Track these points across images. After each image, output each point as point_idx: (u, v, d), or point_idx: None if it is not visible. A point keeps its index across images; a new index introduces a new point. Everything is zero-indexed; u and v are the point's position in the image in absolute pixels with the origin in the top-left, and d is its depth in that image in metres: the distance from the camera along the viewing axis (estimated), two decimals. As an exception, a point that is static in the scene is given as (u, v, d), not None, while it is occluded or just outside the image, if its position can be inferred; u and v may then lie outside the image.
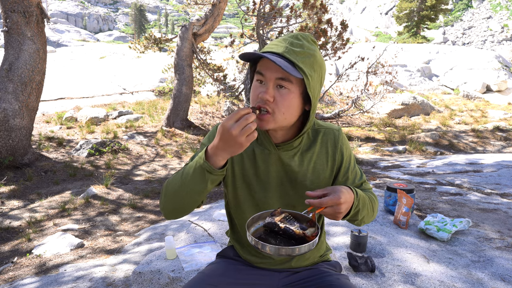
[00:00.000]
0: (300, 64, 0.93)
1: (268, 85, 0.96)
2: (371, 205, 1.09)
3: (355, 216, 1.01)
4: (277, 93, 0.96)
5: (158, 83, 14.18)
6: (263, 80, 0.97)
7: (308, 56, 0.95)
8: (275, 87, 0.97)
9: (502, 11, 51.52)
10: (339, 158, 1.13)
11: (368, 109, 10.71)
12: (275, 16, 8.24)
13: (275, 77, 0.95)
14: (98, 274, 2.41)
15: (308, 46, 0.97)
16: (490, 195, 3.61)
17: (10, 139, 5.67)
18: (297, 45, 0.95)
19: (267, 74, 0.96)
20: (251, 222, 0.99)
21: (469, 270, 1.91)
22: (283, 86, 0.96)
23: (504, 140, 8.80)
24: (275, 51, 0.95)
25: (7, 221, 4.00)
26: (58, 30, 52.26)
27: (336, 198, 0.90)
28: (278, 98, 0.96)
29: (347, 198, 0.93)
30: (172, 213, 1.04)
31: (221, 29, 65.30)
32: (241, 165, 1.12)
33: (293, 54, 0.94)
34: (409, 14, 35.69)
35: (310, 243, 0.88)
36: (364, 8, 65.12)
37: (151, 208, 4.38)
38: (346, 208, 0.93)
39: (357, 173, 1.17)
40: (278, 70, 0.94)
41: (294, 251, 0.86)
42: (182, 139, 8.31)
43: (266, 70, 0.96)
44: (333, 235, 2.38)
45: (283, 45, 0.95)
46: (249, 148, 1.11)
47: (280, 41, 0.98)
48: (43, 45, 5.99)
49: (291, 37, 0.97)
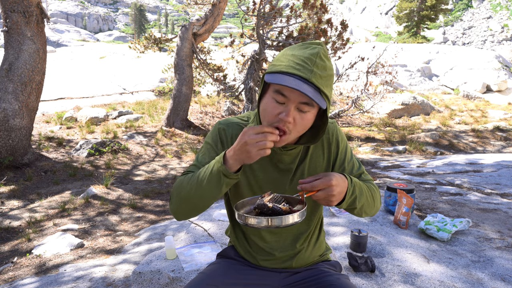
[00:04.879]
0: (325, 90, 0.92)
1: (290, 107, 0.94)
2: (370, 194, 1.08)
3: (353, 204, 1.01)
4: (297, 115, 0.95)
5: (158, 83, 14.18)
6: (284, 102, 0.94)
7: (329, 78, 0.95)
8: (295, 108, 0.95)
9: (502, 11, 51.52)
10: (334, 149, 1.15)
11: (368, 109, 10.71)
12: (275, 16, 8.23)
13: (298, 101, 0.93)
14: (98, 274, 2.40)
15: (329, 66, 0.95)
16: (490, 195, 3.61)
17: (10, 139, 5.67)
18: (322, 67, 0.92)
19: (291, 98, 0.93)
20: (240, 205, 1.01)
21: (469, 270, 1.91)
22: (305, 110, 0.95)
23: (504, 140, 8.80)
24: (301, 75, 0.90)
25: (7, 221, 4.00)
26: (58, 30, 52.26)
27: (327, 180, 0.91)
28: (298, 120, 0.96)
29: (339, 182, 0.93)
30: (185, 216, 1.06)
31: (221, 29, 65.30)
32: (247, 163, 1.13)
33: (319, 79, 0.91)
34: (409, 14, 35.67)
35: (299, 213, 0.90)
36: (364, 8, 65.11)
37: (151, 208, 4.38)
38: (339, 192, 0.93)
39: (354, 164, 1.18)
40: (304, 96, 0.92)
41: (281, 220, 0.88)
42: (182, 139, 8.31)
43: (290, 93, 0.92)
44: (333, 235, 2.38)
45: (309, 68, 0.90)
46: None
47: (304, 61, 0.91)
48: (43, 45, 5.99)
49: (314, 55, 0.92)
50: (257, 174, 1.12)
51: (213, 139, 1.12)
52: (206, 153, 1.11)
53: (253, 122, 1.12)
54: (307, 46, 0.95)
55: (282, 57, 0.96)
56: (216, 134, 1.13)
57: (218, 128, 1.13)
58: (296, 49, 0.95)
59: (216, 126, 1.14)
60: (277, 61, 0.96)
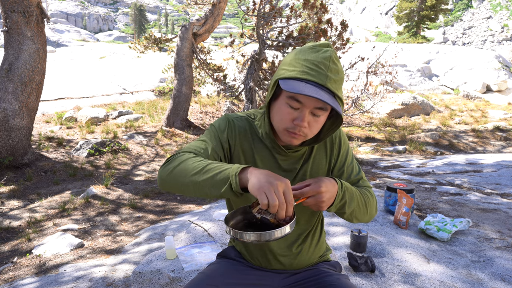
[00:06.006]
0: (339, 94, 0.94)
1: (305, 112, 0.95)
2: (363, 200, 1.07)
3: (342, 208, 1.01)
4: (312, 119, 0.97)
5: (158, 83, 14.18)
6: (299, 107, 0.95)
7: (342, 81, 0.96)
8: (310, 113, 0.96)
9: (502, 11, 51.52)
10: (336, 152, 1.16)
11: (368, 109, 10.72)
12: (275, 16, 8.23)
13: (313, 106, 0.94)
14: (98, 274, 2.40)
15: (341, 69, 0.96)
16: (490, 195, 3.61)
17: (10, 139, 5.67)
18: (335, 71, 0.93)
19: (306, 104, 0.94)
20: (230, 217, 0.99)
21: (469, 270, 1.91)
22: (319, 114, 0.96)
23: (504, 140, 8.80)
24: (317, 81, 0.91)
25: (7, 221, 4.00)
26: (58, 30, 52.25)
27: (317, 187, 0.91)
28: (313, 123, 0.98)
29: (329, 188, 0.93)
30: (168, 189, 1.00)
31: (221, 29, 65.29)
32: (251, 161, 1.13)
33: (334, 84, 0.93)
34: (409, 14, 35.66)
35: (288, 225, 0.87)
36: (364, 8, 65.11)
37: (151, 208, 4.38)
38: (328, 198, 0.93)
39: (353, 169, 1.18)
40: (319, 101, 0.93)
41: (272, 234, 0.86)
42: (182, 139, 8.31)
43: (306, 100, 0.93)
44: (333, 235, 2.38)
45: (323, 73, 0.91)
46: (259, 146, 1.12)
47: (318, 66, 0.92)
48: (43, 45, 5.99)
49: (327, 60, 0.93)
50: None
51: (220, 125, 1.10)
52: (208, 136, 1.08)
53: (259, 121, 1.12)
54: (318, 50, 0.95)
55: (294, 61, 0.95)
56: (225, 121, 1.11)
57: (227, 117, 1.13)
58: (307, 53, 0.95)
59: (224, 116, 1.14)
60: (290, 66, 0.96)
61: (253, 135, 1.12)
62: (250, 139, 1.11)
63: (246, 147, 1.11)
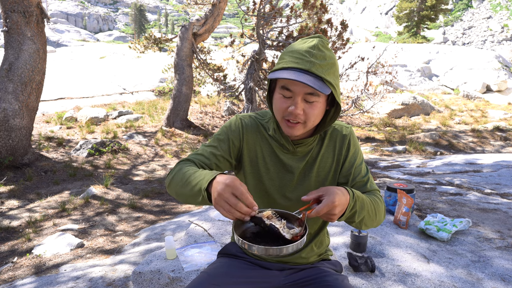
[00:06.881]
0: (328, 78, 0.96)
1: (297, 99, 0.99)
2: (373, 208, 1.06)
3: (352, 218, 1.00)
4: (306, 105, 1.00)
5: (158, 83, 14.18)
6: (291, 95, 0.99)
7: (331, 66, 0.98)
8: (303, 100, 0.99)
9: (502, 11, 51.52)
10: (345, 152, 1.17)
11: (368, 109, 10.71)
12: (275, 16, 8.23)
13: (303, 92, 0.98)
14: (97, 274, 2.40)
15: (329, 55, 0.98)
16: (490, 195, 3.61)
17: (10, 139, 5.67)
18: (321, 57, 0.96)
19: (296, 90, 0.98)
20: (238, 224, 0.97)
21: (469, 270, 1.91)
22: (312, 100, 0.99)
23: (504, 140, 8.80)
24: (301, 67, 0.94)
25: (6, 221, 4.00)
26: (58, 30, 52.25)
27: (330, 201, 0.90)
28: (308, 110, 1.00)
29: (342, 200, 0.92)
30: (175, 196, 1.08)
31: (221, 29, 65.29)
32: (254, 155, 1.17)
33: (319, 68, 0.95)
34: (409, 14, 35.68)
35: (298, 242, 0.87)
36: (364, 8, 65.11)
37: (150, 208, 4.38)
38: (340, 211, 0.92)
39: (362, 170, 1.17)
40: (308, 86, 0.95)
41: (281, 251, 0.86)
42: (182, 139, 8.31)
43: (294, 87, 0.97)
44: (333, 235, 2.38)
45: (307, 60, 0.95)
46: (266, 145, 1.16)
47: (302, 54, 0.96)
48: (43, 45, 5.99)
49: (312, 48, 0.96)
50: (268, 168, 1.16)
51: (231, 124, 1.17)
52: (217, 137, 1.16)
53: (269, 119, 1.18)
54: (305, 41, 1.00)
55: (284, 55, 1.02)
56: (236, 121, 1.18)
57: (238, 117, 1.19)
58: (295, 45, 1.01)
59: (235, 116, 1.20)
60: (280, 59, 1.02)
61: (261, 134, 1.17)
62: (258, 138, 1.16)
63: (254, 145, 1.16)
